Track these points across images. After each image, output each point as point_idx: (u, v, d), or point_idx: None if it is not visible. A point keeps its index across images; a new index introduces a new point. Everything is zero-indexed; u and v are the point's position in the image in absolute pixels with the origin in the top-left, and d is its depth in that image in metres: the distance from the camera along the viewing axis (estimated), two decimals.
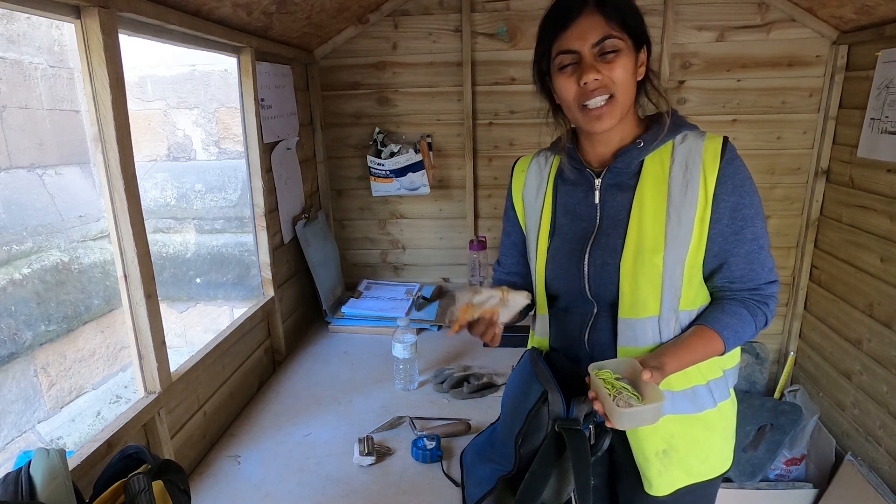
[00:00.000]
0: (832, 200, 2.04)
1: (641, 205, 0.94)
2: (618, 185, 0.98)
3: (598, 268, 0.97)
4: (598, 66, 0.90)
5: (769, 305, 0.95)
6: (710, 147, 0.93)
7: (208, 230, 2.71)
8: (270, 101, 1.81)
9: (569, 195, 1.03)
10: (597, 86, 0.90)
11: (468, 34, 2.09)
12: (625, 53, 0.90)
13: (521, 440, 0.96)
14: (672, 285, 0.93)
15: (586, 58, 0.90)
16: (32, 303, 2.05)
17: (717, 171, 0.91)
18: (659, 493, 1.00)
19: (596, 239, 0.98)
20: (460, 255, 2.34)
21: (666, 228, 0.92)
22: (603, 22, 0.89)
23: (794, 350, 2.24)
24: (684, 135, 0.96)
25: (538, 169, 1.09)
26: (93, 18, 1.01)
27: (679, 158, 0.94)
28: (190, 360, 1.40)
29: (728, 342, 0.92)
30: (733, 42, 2.02)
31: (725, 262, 0.94)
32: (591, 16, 0.89)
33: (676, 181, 0.93)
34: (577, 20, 0.90)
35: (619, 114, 0.92)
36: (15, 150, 2.00)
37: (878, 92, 1.74)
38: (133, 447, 0.87)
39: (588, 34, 0.89)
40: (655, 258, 0.92)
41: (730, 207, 0.91)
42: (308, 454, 1.38)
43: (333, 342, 2.02)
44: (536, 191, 1.08)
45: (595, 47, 0.89)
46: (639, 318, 0.94)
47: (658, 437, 0.97)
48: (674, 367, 0.90)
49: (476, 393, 1.60)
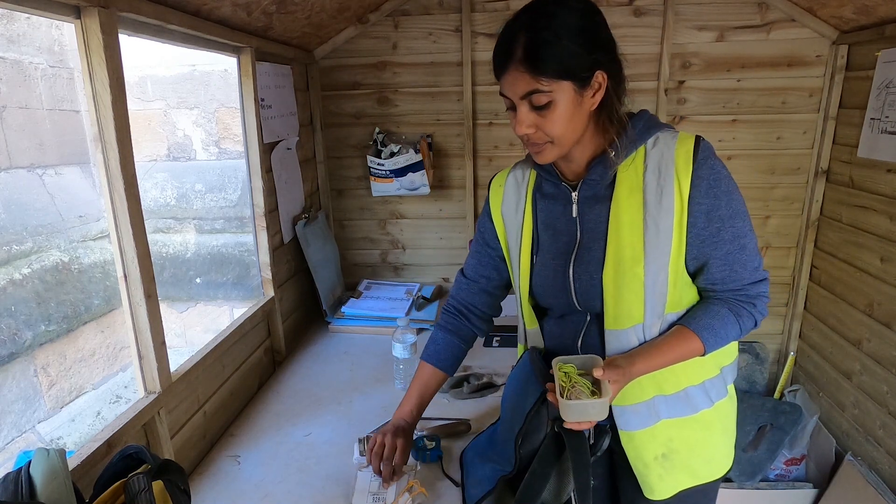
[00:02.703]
0: (832, 200, 2.04)
1: (618, 216, 0.93)
2: (594, 197, 0.96)
3: (584, 283, 0.96)
4: (530, 118, 0.88)
5: (756, 305, 0.93)
6: (682, 149, 0.90)
7: (208, 230, 2.71)
8: (270, 101, 1.81)
9: (548, 210, 1.02)
10: (531, 137, 0.90)
11: (468, 34, 2.09)
12: (558, 102, 0.86)
13: (520, 440, 0.96)
14: (655, 292, 0.92)
15: (519, 108, 0.89)
16: (32, 303, 2.05)
17: (690, 174, 0.89)
18: (661, 497, 0.99)
19: (578, 254, 0.97)
20: (460, 255, 2.34)
21: (644, 238, 0.91)
22: (528, 77, 0.85)
23: (794, 350, 2.24)
24: (656, 137, 0.93)
25: (515, 184, 1.08)
26: (93, 18, 1.01)
27: (652, 164, 0.91)
28: (190, 360, 1.39)
29: (707, 343, 0.91)
30: (733, 42, 2.02)
31: (705, 264, 0.93)
32: (517, 70, 0.86)
33: (651, 188, 0.91)
34: (506, 73, 0.88)
35: (559, 152, 0.92)
36: (15, 150, 2.00)
37: (878, 92, 1.74)
38: (133, 447, 0.86)
39: (515, 87, 0.87)
40: (636, 268, 0.91)
41: (705, 210, 0.89)
42: (308, 454, 1.38)
43: (333, 342, 2.02)
44: (515, 207, 1.06)
45: (524, 98, 0.88)
46: (623, 328, 0.94)
47: (656, 442, 0.97)
48: (642, 368, 0.90)
49: (476, 393, 1.60)
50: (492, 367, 1.75)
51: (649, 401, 0.97)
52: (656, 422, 0.97)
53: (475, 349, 1.89)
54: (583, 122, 0.91)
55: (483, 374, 1.69)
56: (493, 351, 1.90)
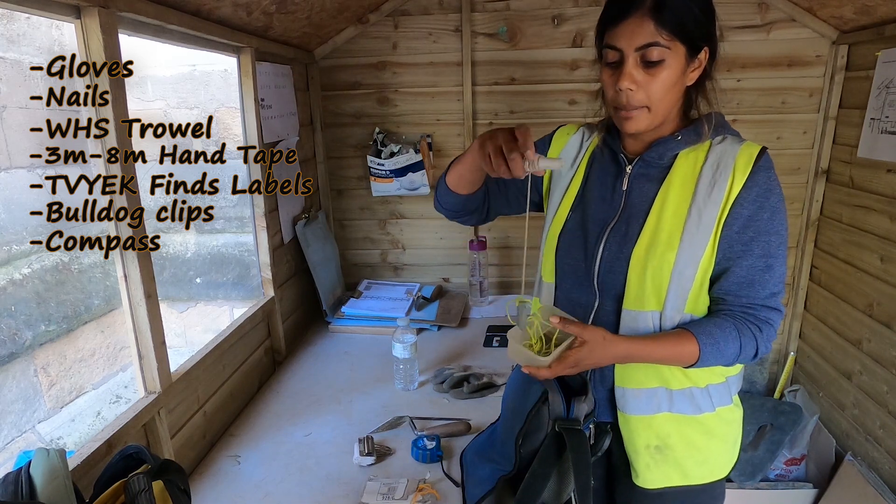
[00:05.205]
0: (832, 200, 2.04)
1: (665, 198, 0.93)
2: (647, 176, 0.97)
3: (612, 254, 0.96)
4: (636, 73, 0.87)
5: (762, 330, 0.91)
6: (746, 152, 0.91)
7: (208, 230, 2.71)
8: (270, 101, 1.81)
9: (600, 175, 1.02)
10: (630, 96, 0.88)
11: (468, 34, 2.09)
12: (670, 64, 0.86)
13: (521, 440, 0.96)
14: (680, 284, 0.91)
15: (627, 61, 0.87)
16: (32, 303, 2.05)
17: (745, 176, 0.89)
18: (645, 486, 1.00)
19: (615, 226, 0.97)
20: (460, 255, 2.34)
21: (684, 225, 0.91)
22: (652, 27, 0.84)
23: (794, 350, 2.24)
24: (724, 137, 0.94)
25: (580, 139, 1.09)
26: (93, 18, 1.01)
27: (713, 159, 0.92)
28: (190, 360, 1.40)
29: (704, 347, 0.88)
30: (733, 42, 2.02)
31: (725, 271, 0.91)
32: (642, 18, 0.84)
33: (705, 180, 0.91)
34: (627, 19, 0.86)
35: (650, 122, 0.91)
36: (15, 151, 2.00)
37: (878, 92, 1.74)
38: (133, 447, 0.86)
39: (634, 36, 0.85)
40: (668, 253, 0.91)
41: (746, 215, 0.89)
42: (308, 454, 1.38)
43: (333, 342, 2.02)
44: (574, 158, 1.07)
45: (639, 51, 0.86)
46: (642, 310, 0.94)
47: (651, 432, 0.98)
48: (626, 348, 0.89)
49: (476, 393, 1.60)
50: (492, 367, 1.75)
51: (651, 390, 0.96)
52: (656, 412, 0.97)
53: (475, 349, 1.90)
54: (679, 94, 0.91)
55: (483, 374, 1.69)
56: (493, 351, 1.90)
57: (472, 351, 1.90)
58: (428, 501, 1.17)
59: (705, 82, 0.94)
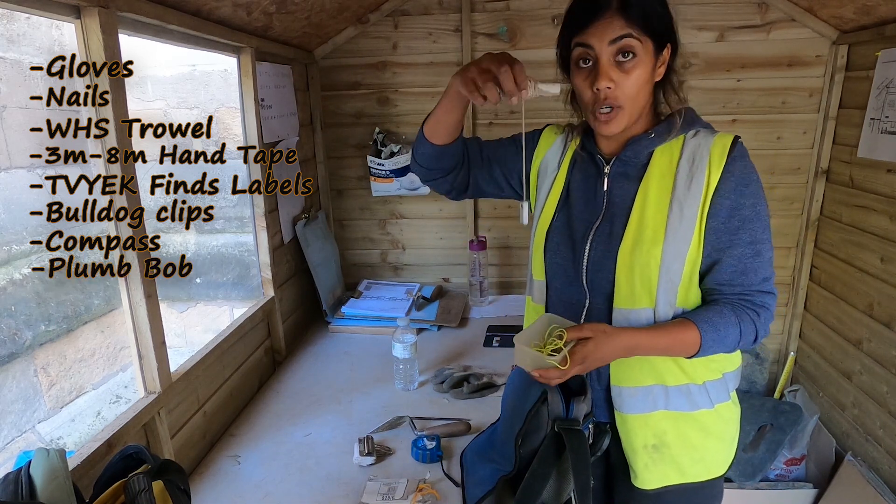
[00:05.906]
0: (832, 200, 2.04)
1: (646, 195, 0.95)
2: (625, 175, 0.98)
3: (599, 254, 0.97)
4: (612, 72, 0.89)
5: (760, 315, 0.92)
6: (720, 143, 0.93)
7: (208, 230, 2.71)
8: (270, 101, 1.81)
9: (581, 177, 1.04)
10: (608, 94, 0.90)
11: (468, 34, 2.09)
12: (642, 59, 0.89)
13: (521, 440, 0.96)
14: (669, 279, 0.92)
15: (602, 60, 0.89)
16: (32, 303, 2.05)
17: (722, 166, 0.91)
18: (644, 486, 1.00)
19: (600, 227, 0.98)
20: (460, 255, 2.34)
21: (667, 220, 0.92)
22: (622, 22, 0.87)
23: (794, 350, 2.24)
24: (696, 131, 0.96)
25: (564, 139, 1.11)
26: (93, 18, 1.01)
27: (687, 153, 0.94)
28: (190, 360, 1.40)
29: (705, 334, 0.89)
30: (733, 42, 2.02)
31: (716, 261, 0.93)
32: (612, 17, 0.87)
33: (682, 174, 0.93)
34: (598, 19, 0.88)
35: (625, 122, 0.93)
36: (15, 151, 2.00)
37: (878, 92, 1.74)
38: (133, 447, 0.86)
39: (606, 32, 0.88)
40: (654, 249, 0.92)
41: (728, 206, 0.91)
42: (308, 454, 1.38)
43: (333, 342, 2.02)
44: (558, 157, 1.09)
45: (612, 45, 0.88)
46: (634, 308, 0.94)
47: (649, 431, 0.98)
48: (629, 338, 0.89)
49: (476, 393, 1.60)
50: (492, 367, 1.75)
51: (648, 387, 0.97)
52: (653, 410, 0.97)
53: (475, 349, 1.90)
54: (649, 92, 0.94)
55: (483, 374, 1.69)
56: (493, 351, 1.90)
57: (472, 351, 1.90)
58: (428, 501, 1.17)
59: (671, 78, 0.97)
